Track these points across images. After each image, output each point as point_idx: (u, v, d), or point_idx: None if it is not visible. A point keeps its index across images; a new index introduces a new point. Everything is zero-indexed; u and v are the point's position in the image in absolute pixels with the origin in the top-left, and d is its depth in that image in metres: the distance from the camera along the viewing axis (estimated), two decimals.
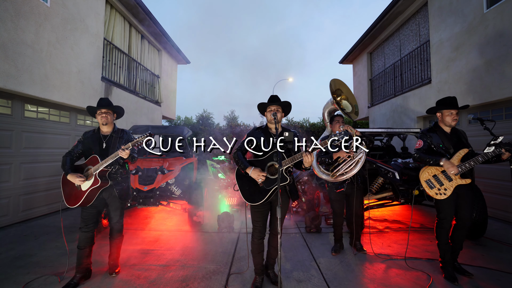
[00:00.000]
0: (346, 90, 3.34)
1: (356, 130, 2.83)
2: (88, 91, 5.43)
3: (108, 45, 6.35)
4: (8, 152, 3.95)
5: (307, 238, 3.61)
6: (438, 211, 2.52)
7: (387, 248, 3.24)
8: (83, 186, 2.35)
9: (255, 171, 2.09)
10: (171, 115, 10.47)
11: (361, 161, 2.89)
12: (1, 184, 3.86)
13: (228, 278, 2.48)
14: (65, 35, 4.81)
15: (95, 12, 5.67)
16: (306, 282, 2.42)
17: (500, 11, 4.29)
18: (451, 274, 2.40)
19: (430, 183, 2.44)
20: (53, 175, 4.76)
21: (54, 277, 2.43)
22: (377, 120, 8.81)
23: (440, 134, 2.52)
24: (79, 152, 2.49)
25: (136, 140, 2.28)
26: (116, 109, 2.59)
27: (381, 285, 2.35)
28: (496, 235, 3.69)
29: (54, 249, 3.11)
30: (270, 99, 2.31)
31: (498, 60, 4.33)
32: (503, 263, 2.81)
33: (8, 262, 2.74)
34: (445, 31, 5.54)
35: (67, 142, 5.13)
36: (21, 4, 3.89)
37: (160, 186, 3.99)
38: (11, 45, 3.73)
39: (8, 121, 3.96)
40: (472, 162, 2.26)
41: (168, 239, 3.50)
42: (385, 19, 7.70)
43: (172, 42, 9.14)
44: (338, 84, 3.28)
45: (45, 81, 4.36)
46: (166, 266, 2.70)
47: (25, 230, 3.79)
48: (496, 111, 4.61)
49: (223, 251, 3.11)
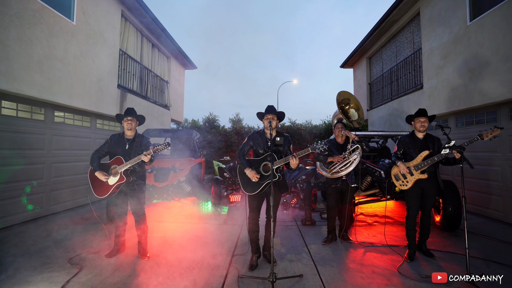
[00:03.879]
0: (355, 101, 3.78)
1: (356, 135, 3.32)
2: (106, 98, 6.01)
3: (123, 55, 6.94)
4: (41, 153, 4.53)
5: (302, 230, 4.08)
6: (406, 202, 3.06)
7: (372, 238, 3.69)
8: (110, 181, 2.86)
9: (251, 172, 2.62)
10: (179, 118, 11.04)
11: (355, 161, 3.36)
12: (36, 181, 4.44)
13: (232, 258, 2.98)
14: (88, 49, 5.40)
15: (112, 26, 6.25)
16: (297, 262, 2.90)
17: (480, 24, 4.70)
18: (412, 254, 2.92)
19: (396, 176, 3.04)
20: (76, 174, 5.34)
21: (89, 254, 2.96)
22: (376, 122, 9.21)
23: (411, 140, 3.04)
24: (105, 150, 3.01)
25: (157, 148, 2.77)
26: (139, 117, 3.11)
27: (359, 265, 2.82)
28: (474, 228, 4.10)
29: (85, 235, 3.65)
30: (267, 109, 2.81)
31: (479, 69, 4.73)
32: (470, 249, 3.22)
33: (50, 245, 3.28)
34: (435, 40, 5.95)
35: (88, 144, 5.71)
36: (53, 25, 4.47)
37: (173, 183, 4.52)
38: (45, 60, 4.32)
39: (42, 126, 4.55)
40: (430, 160, 2.80)
41: (180, 229, 4.02)
42: (382, 27, 8.11)
43: (180, 49, 9.71)
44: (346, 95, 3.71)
45: (71, 90, 4.94)
46: (179, 250, 3.21)
47: (57, 221, 4.36)
48: (479, 116, 5.00)
49: (228, 239, 3.61)
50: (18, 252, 3.04)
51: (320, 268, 2.75)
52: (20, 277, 2.45)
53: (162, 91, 9.46)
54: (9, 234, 3.69)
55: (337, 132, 3.53)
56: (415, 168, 2.90)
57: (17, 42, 3.83)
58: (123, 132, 3.08)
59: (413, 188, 2.94)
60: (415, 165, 2.91)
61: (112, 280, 2.45)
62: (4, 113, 3.92)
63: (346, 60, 11.05)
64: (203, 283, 2.41)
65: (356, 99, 3.72)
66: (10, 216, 4.01)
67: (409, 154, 3.02)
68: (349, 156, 3.35)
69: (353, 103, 3.68)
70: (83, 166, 5.48)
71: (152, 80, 8.68)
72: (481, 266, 2.80)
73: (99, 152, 2.98)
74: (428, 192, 2.95)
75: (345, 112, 3.60)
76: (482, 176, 4.84)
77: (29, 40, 4.02)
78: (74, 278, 2.47)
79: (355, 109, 3.62)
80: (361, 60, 10.53)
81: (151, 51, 8.75)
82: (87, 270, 2.64)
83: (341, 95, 3.59)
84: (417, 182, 2.92)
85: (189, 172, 4.91)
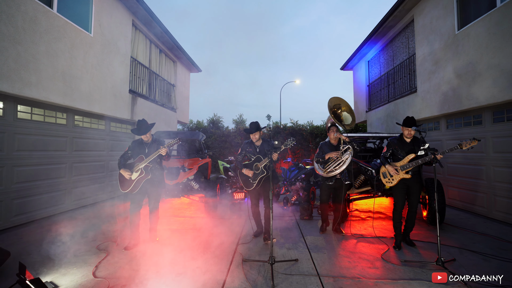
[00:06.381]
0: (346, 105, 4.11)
1: (346, 136, 3.72)
2: (119, 102, 6.47)
3: (133, 61, 7.40)
4: (63, 154, 5.01)
5: (300, 223, 4.49)
6: (393, 197, 3.43)
7: (363, 231, 4.08)
8: (132, 177, 3.33)
9: (247, 170, 3.60)
10: (185, 119, 11.51)
11: (347, 161, 3.75)
12: (59, 179, 4.92)
13: (237, 246, 3.40)
14: (103, 58, 5.86)
15: (124, 36, 6.72)
16: (294, 249, 3.31)
17: (467, 34, 5.05)
18: (398, 244, 3.31)
19: (384, 174, 3.44)
20: (93, 173, 5.81)
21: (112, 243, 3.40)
22: (374, 124, 9.56)
23: (400, 142, 3.41)
24: (129, 154, 3.47)
25: (170, 142, 3.31)
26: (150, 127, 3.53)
27: (348, 252, 3.22)
28: (458, 222, 4.47)
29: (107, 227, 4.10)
30: (249, 130, 3.61)
31: (465, 75, 5.08)
32: (450, 240, 3.61)
33: (79, 235, 3.74)
34: (427, 47, 6.30)
35: (103, 146, 6.18)
36: (75, 38, 4.94)
37: (182, 181, 4.96)
38: (68, 70, 4.78)
39: (64, 129, 5.02)
40: (414, 163, 3.17)
41: (190, 222, 4.45)
42: (380, 31, 8.46)
43: (185, 53, 10.16)
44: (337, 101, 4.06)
45: (89, 97, 5.41)
46: (190, 240, 3.64)
47: (79, 215, 4.82)
48: (467, 118, 5.35)
49: (233, 230, 4.03)
50: (54, 240, 3.49)
51: (314, 254, 3.15)
52: (62, 259, 2.90)
53: (169, 94, 9.93)
54: (39, 225, 4.16)
55: (332, 135, 3.93)
56: (401, 168, 3.28)
57: (45, 55, 4.30)
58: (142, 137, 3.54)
59: (399, 185, 3.33)
60: (401, 165, 3.29)
61: (135, 261, 2.89)
62: (34, 118, 4.40)
63: (346, 62, 11.41)
64: (213, 263, 2.84)
65: (347, 103, 4.10)
66: (40, 210, 4.48)
67: (397, 155, 3.39)
68: (341, 156, 3.75)
69: (344, 106, 4.05)
70: (99, 166, 5.96)
71: (159, 84, 9.14)
72: (455, 253, 3.17)
73: (124, 156, 3.46)
74: (413, 189, 3.32)
75: (338, 116, 3.98)
76: (469, 175, 5.20)
77: (55, 53, 4.48)
78: (104, 260, 2.92)
79: (347, 111, 3.99)
80: (361, 62, 10.88)
81: (159, 56, 9.21)
82: (113, 254, 3.08)
83: (332, 101, 3.97)
84: (402, 180, 3.30)
85: (197, 171, 5.34)
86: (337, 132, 3.85)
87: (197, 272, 2.67)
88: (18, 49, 3.88)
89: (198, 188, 5.15)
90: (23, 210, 4.23)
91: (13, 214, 4.09)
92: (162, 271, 2.68)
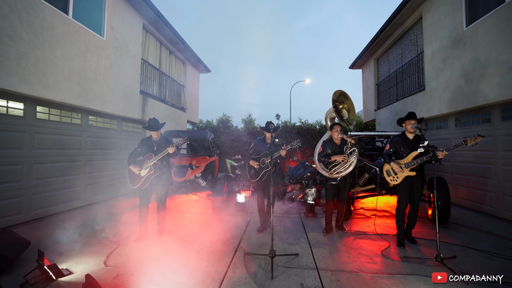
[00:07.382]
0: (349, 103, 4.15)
1: (352, 138, 3.75)
2: (130, 103, 6.73)
3: (144, 63, 7.66)
4: (78, 152, 5.28)
5: (304, 220, 4.57)
6: (397, 196, 3.44)
7: (366, 228, 4.12)
8: (142, 173, 3.51)
9: (253, 162, 3.86)
10: (195, 119, 11.75)
11: (354, 163, 3.78)
12: (74, 176, 5.19)
13: (240, 241, 3.52)
14: (115, 60, 6.12)
15: (135, 38, 6.97)
16: (295, 244, 3.40)
17: (475, 30, 4.97)
18: (401, 241, 3.31)
19: (388, 172, 3.43)
20: (105, 170, 6.08)
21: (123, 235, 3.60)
22: (382, 122, 9.47)
23: (403, 140, 3.41)
24: (138, 151, 3.66)
25: (178, 142, 3.44)
26: (161, 126, 3.71)
27: (348, 248, 3.28)
28: (465, 221, 4.42)
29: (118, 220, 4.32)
30: (269, 129, 3.91)
31: (474, 72, 5.00)
32: (453, 238, 3.60)
33: (91, 228, 3.97)
34: (435, 44, 6.21)
35: (115, 144, 6.45)
36: (88, 42, 5.20)
37: (190, 178, 5.13)
38: (82, 73, 5.05)
39: (79, 129, 5.30)
40: (419, 160, 3.17)
41: (196, 218, 4.61)
42: (388, 29, 8.37)
43: (195, 54, 10.38)
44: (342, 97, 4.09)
45: (102, 98, 5.67)
46: (196, 234, 3.79)
47: (93, 210, 5.08)
48: (475, 116, 5.26)
49: (238, 226, 4.16)
50: (69, 232, 3.73)
51: (314, 249, 3.24)
52: (76, 249, 3.12)
53: (178, 94, 10.17)
54: (56, 219, 4.43)
55: (335, 135, 3.94)
56: (405, 166, 3.29)
57: (62, 59, 4.56)
58: (151, 136, 3.72)
59: (403, 183, 3.33)
60: (405, 163, 3.30)
61: (143, 252, 3.06)
62: (51, 119, 4.68)
63: (355, 61, 11.32)
64: (216, 256, 2.97)
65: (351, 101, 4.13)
66: (57, 205, 4.76)
67: (400, 153, 3.40)
68: (348, 158, 3.78)
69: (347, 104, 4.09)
70: (110, 164, 6.22)
71: (169, 84, 9.40)
72: (457, 250, 3.18)
73: (133, 153, 3.64)
74: (416, 187, 3.34)
75: (338, 111, 4.02)
76: (478, 173, 5.11)
77: (70, 56, 4.75)
78: (114, 251, 3.11)
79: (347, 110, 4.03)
80: (369, 61, 10.78)
81: (169, 57, 9.47)
82: (123, 246, 3.27)
83: (336, 94, 4.02)
84: (406, 178, 3.31)
85: (204, 169, 5.51)
86: (342, 133, 3.84)
87: (201, 264, 2.81)
88: (37, 53, 4.14)
89: (205, 186, 5.31)
90: (41, 204, 4.51)
91: (33, 208, 4.37)
92: (167, 262, 2.84)
